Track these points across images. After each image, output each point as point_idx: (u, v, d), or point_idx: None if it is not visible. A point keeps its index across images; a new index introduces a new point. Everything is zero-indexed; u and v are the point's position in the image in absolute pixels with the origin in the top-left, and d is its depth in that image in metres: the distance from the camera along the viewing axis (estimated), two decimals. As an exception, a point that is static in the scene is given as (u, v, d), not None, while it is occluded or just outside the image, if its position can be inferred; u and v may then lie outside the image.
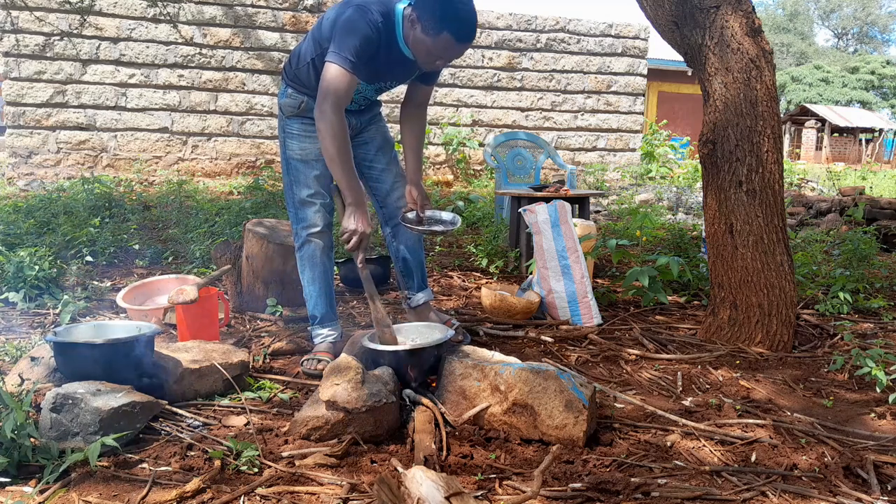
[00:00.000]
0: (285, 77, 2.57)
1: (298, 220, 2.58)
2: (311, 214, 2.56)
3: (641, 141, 10.76)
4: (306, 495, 1.64)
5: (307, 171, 2.54)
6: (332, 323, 2.67)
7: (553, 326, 3.19)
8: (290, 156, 2.56)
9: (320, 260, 2.61)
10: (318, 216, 2.57)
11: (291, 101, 2.53)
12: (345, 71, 2.20)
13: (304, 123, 2.53)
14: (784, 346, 2.93)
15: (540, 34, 9.97)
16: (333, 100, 2.21)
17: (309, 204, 2.55)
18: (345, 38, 2.21)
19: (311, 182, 2.54)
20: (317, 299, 2.63)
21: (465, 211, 6.37)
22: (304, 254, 2.61)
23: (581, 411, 1.92)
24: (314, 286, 2.62)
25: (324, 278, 2.63)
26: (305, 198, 2.55)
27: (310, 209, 2.56)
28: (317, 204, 2.56)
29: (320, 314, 2.65)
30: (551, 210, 3.35)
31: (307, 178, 2.54)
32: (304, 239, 2.58)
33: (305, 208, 2.56)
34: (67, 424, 1.78)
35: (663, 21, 3.02)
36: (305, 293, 2.66)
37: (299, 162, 2.55)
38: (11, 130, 8.27)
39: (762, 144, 2.84)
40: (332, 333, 2.65)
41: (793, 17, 48.89)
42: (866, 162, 19.56)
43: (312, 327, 2.67)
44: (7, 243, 3.79)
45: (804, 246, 5.05)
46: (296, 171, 2.56)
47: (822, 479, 1.82)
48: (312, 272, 2.61)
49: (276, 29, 8.90)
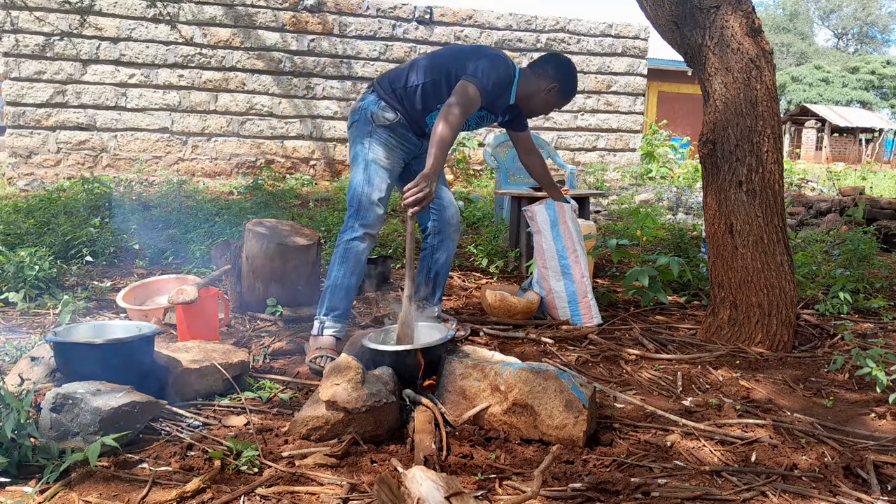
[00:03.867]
0: (379, 90, 2.77)
1: (359, 216, 2.69)
2: (374, 217, 2.70)
3: (641, 141, 10.76)
4: (306, 495, 1.64)
5: (384, 177, 2.72)
6: (345, 321, 2.72)
7: (553, 326, 3.19)
8: (374, 159, 2.71)
9: (364, 260, 2.72)
10: (379, 221, 2.72)
11: (386, 113, 2.73)
12: (479, 95, 2.59)
13: (392, 136, 2.75)
14: (784, 346, 2.93)
15: (540, 34, 9.97)
16: (462, 109, 2.53)
17: (375, 206, 2.70)
18: (488, 71, 2.62)
19: (384, 188, 2.72)
20: (345, 293, 2.69)
21: (465, 211, 6.37)
22: (350, 247, 2.69)
23: (581, 411, 1.92)
24: (349, 279, 2.69)
25: (359, 277, 2.75)
26: (375, 200, 2.69)
27: (373, 211, 2.69)
28: (381, 210, 2.72)
29: (342, 309, 2.70)
30: (551, 210, 3.35)
31: (382, 182, 2.71)
32: (359, 234, 2.69)
33: (371, 209, 2.69)
34: (67, 424, 1.78)
35: (663, 21, 3.02)
36: (334, 282, 2.68)
37: (381, 168, 2.71)
38: (11, 130, 8.26)
39: (762, 144, 2.84)
40: (341, 332, 2.67)
41: (793, 17, 48.88)
42: (866, 162, 19.56)
43: (327, 317, 2.67)
44: (7, 243, 3.79)
45: (804, 246, 5.05)
46: (374, 173, 2.70)
47: (822, 479, 1.82)
48: (354, 267, 2.70)
49: (277, 29, 8.90)
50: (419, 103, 2.73)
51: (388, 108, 2.73)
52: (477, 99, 2.59)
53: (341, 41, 9.14)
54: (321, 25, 9.07)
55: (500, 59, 2.72)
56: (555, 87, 2.84)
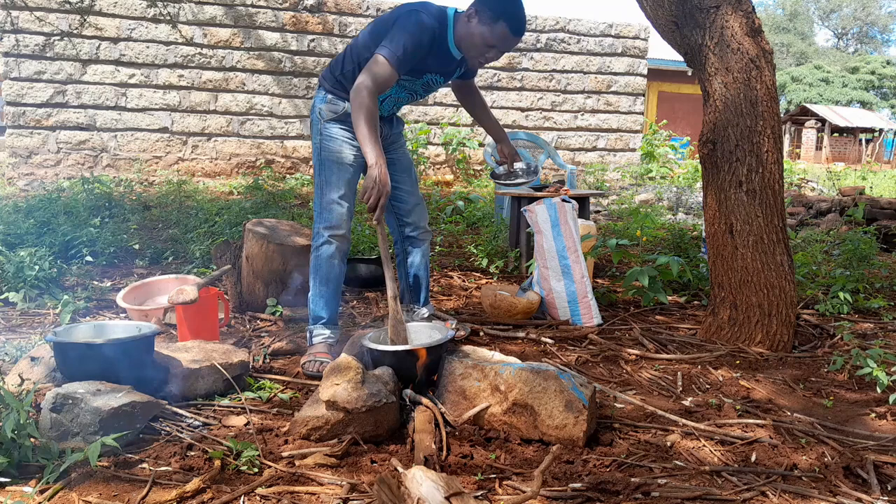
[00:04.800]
0: (325, 83, 2.66)
1: (322, 219, 2.63)
2: (337, 216, 2.62)
3: (641, 141, 10.76)
4: (306, 495, 1.64)
5: (341, 173, 2.63)
6: (334, 326, 2.69)
7: (553, 326, 3.19)
8: (327, 157, 2.63)
9: (338, 263, 2.65)
10: (343, 219, 2.64)
11: (332, 106, 2.62)
12: (389, 65, 2.36)
13: (343, 129, 2.63)
14: (784, 346, 2.93)
15: (540, 34, 9.97)
16: (372, 85, 2.34)
17: (337, 205, 2.62)
18: (397, 36, 2.39)
19: (342, 185, 2.63)
20: (327, 300, 2.65)
21: (465, 211, 6.38)
22: (321, 253, 2.63)
23: (581, 411, 1.92)
24: (326, 287, 2.65)
25: (336, 281, 2.67)
26: (335, 199, 2.62)
27: (338, 210, 2.62)
28: (344, 207, 2.63)
29: (327, 316, 2.66)
30: (551, 210, 3.35)
31: (339, 180, 2.62)
32: (325, 239, 2.62)
33: (334, 208, 2.61)
34: (67, 424, 1.78)
35: (663, 21, 3.02)
36: (313, 292, 2.66)
37: (335, 164, 2.63)
38: (11, 130, 8.26)
39: (762, 144, 2.84)
40: (332, 336, 2.66)
41: (793, 17, 48.87)
42: (866, 162, 19.56)
43: (314, 326, 2.67)
44: (7, 243, 3.79)
45: (804, 246, 5.05)
46: (330, 171, 2.63)
47: (822, 479, 1.82)
48: (328, 273, 2.64)
49: (277, 29, 8.90)
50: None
51: (335, 98, 2.62)
52: (388, 70, 2.36)
53: (341, 41, 9.14)
54: (321, 25, 9.07)
55: (412, 19, 2.43)
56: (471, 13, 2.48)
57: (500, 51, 2.51)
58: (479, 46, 2.49)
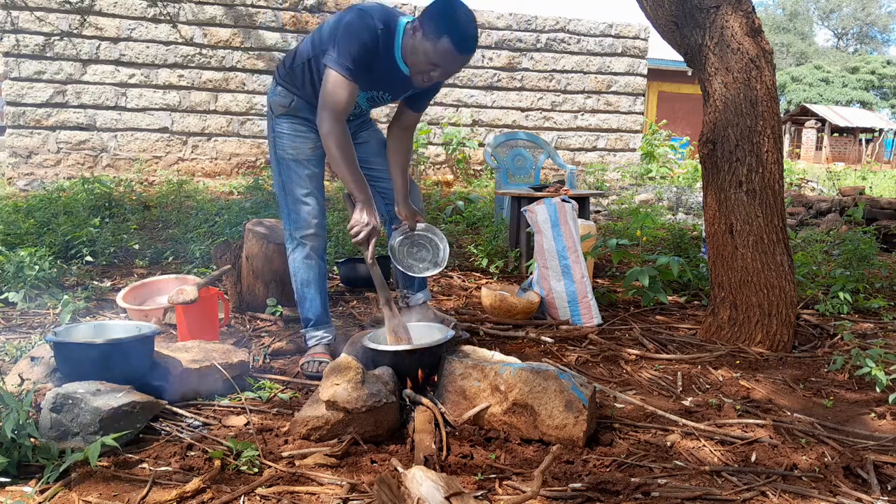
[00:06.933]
0: (277, 76, 2.56)
1: (291, 221, 2.57)
2: (304, 215, 2.54)
3: (641, 141, 10.76)
4: (306, 495, 1.64)
5: (300, 169, 2.53)
6: (326, 325, 2.65)
7: (553, 326, 3.19)
8: (282, 155, 2.54)
9: (315, 262, 2.59)
10: (312, 217, 2.55)
11: (281, 98, 2.52)
12: (345, 79, 2.21)
13: (294, 122, 2.52)
14: (784, 346, 2.93)
15: (540, 34, 9.97)
16: (333, 109, 2.22)
17: (303, 203, 2.54)
18: (343, 43, 2.20)
19: (304, 181, 2.54)
20: (311, 302, 2.61)
21: (465, 211, 6.38)
22: (296, 256, 2.58)
23: (581, 411, 1.92)
24: (309, 289, 2.60)
25: (318, 281, 2.61)
26: (300, 196, 2.53)
27: (304, 209, 2.54)
28: (311, 204, 2.54)
29: (315, 317, 2.62)
30: (551, 210, 3.35)
31: (300, 177, 2.53)
32: (298, 241, 2.57)
33: (299, 208, 2.54)
34: (67, 424, 1.78)
35: (663, 21, 3.02)
36: (298, 296, 2.63)
37: (291, 161, 2.53)
38: (11, 130, 8.26)
39: (762, 144, 2.84)
40: (326, 336, 2.63)
41: (793, 17, 48.88)
42: (866, 162, 19.57)
43: (306, 330, 2.65)
44: (7, 243, 3.79)
45: (804, 246, 5.05)
46: (288, 169, 2.54)
47: (822, 479, 1.82)
48: (307, 275, 2.59)
49: (277, 29, 8.90)
50: (308, 83, 2.45)
51: (284, 92, 2.50)
52: (345, 88, 2.20)
53: (341, 41, 9.13)
54: (321, 25, 9.06)
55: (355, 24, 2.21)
56: (416, 25, 2.22)
57: (445, 70, 2.24)
58: (421, 63, 2.23)
